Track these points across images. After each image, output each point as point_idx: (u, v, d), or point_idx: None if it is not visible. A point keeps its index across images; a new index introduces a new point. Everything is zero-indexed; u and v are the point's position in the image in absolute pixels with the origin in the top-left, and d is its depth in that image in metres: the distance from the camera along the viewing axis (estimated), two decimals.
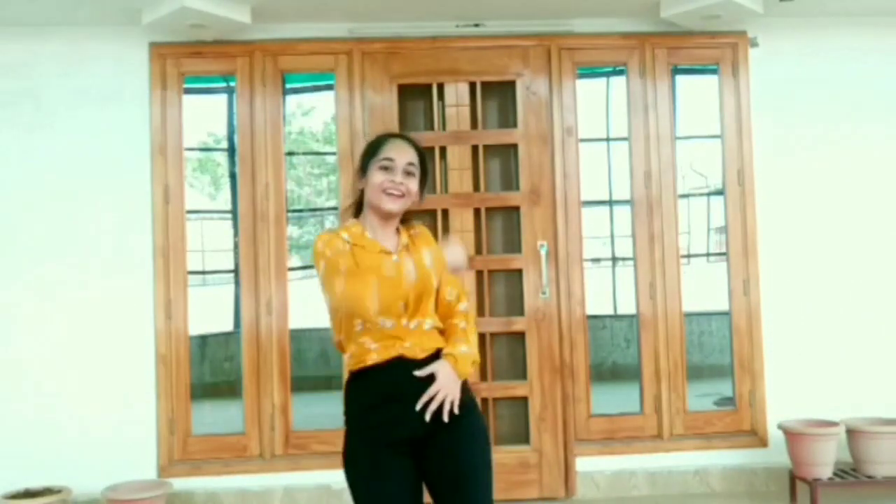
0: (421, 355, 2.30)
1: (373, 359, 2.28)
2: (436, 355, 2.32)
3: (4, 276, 4.29)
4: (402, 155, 2.37)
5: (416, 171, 2.39)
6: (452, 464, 2.29)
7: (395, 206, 2.34)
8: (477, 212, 4.50)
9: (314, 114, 4.73)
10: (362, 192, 2.41)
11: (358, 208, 2.45)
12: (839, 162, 4.58)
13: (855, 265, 4.56)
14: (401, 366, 2.28)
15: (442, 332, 2.39)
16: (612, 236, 4.70)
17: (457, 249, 2.46)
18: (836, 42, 4.60)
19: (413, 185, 2.37)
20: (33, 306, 4.31)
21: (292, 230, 4.55)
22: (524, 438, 4.45)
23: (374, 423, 2.30)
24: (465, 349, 2.34)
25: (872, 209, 4.59)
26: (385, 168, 2.34)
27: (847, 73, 4.60)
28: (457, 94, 4.51)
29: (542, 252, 4.44)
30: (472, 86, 4.51)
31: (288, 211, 4.45)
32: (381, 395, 2.29)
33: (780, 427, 4.25)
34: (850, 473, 4.18)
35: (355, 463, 2.31)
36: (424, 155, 2.45)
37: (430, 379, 2.27)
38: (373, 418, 2.30)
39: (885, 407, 4.38)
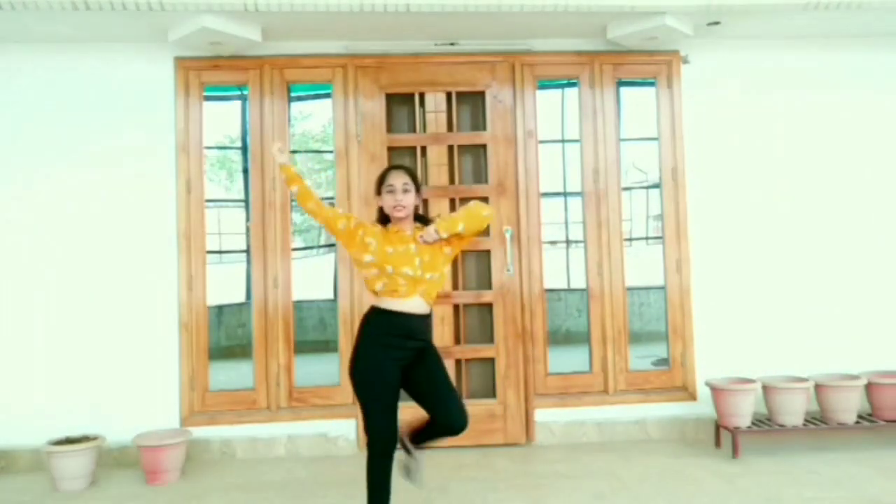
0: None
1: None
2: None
3: (50, 255, 4.34)
4: (398, 179, 3.01)
5: (411, 186, 3.02)
6: (434, 372, 3.06)
7: (400, 214, 3.00)
8: (452, 202, 4.55)
9: (314, 118, 4.71)
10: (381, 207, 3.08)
11: (382, 216, 3.07)
12: (757, 161, 4.66)
13: (770, 248, 4.65)
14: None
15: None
16: (566, 222, 4.67)
17: (429, 230, 2.99)
18: (756, 60, 4.67)
19: (410, 197, 3.01)
20: (74, 281, 4.35)
21: (295, 216, 4.56)
22: (491, 393, 4.51)
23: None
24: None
25: (783, 201, 4.67)
26: (389, 192, 3.00)
27: (763, 86, 4.67)
28: (435, 102, 4.56)
29: (507, 236, 4.51)
30: (449, 95, 4.57)
31: (291, 200, 4.45)
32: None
33: (707, 384, 4.36)
34: (766, 423, 4.28)
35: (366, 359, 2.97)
36: (414, 173, 3.10)
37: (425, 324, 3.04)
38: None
39: (795, 366, 4.48)
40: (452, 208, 4.56)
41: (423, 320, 3.02)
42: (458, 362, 4.53)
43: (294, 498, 3.72)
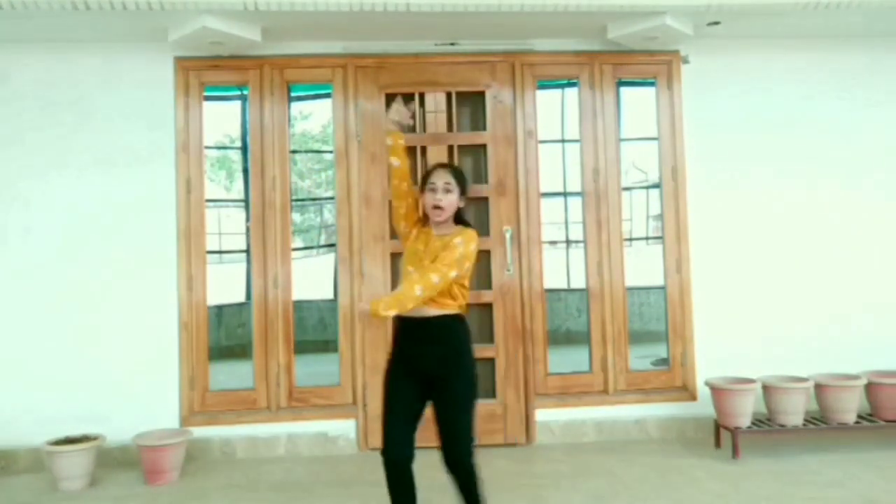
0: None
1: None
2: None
3: (50, 254, 4.33)
4: (440, 178, 2.86)
5: (454, 186, 2.86)
6: (440, 395, 2.80)
7: (439, 218, 2.84)
8: None
9: (314, 118, 4.70)
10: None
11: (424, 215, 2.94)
12: (757, 161, 4.66)
13: (770, 248, 4.64)
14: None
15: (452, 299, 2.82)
16: (566, 222, 4.67)
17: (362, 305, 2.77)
18: (756, 60, 4.66)
19: (452, 197, 2.85)
20: (75, 281, 4.33)
21: (295, 216, 4.57)
22: (492, 393, 4.49)
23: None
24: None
25: (783, 201, 4.67)
26: (431, 190, 2.85)
27: (763, 86, 4.67)
28: (435, 102, 4.55)
29: (507, 236, 4.50)
30: (449, 95, 4.55)
31: (292, 200, 4.48)
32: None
33: (706, 384, 4.34)
34: (766, 423, 4.26)
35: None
36: (460, 172, 2.94)
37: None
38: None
39: (795, 366, 4.46)
40: None
41: (434, 323, 2.78)
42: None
43: (294, 498, 3.72)
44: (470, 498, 2.83)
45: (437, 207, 2.83)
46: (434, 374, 2.78)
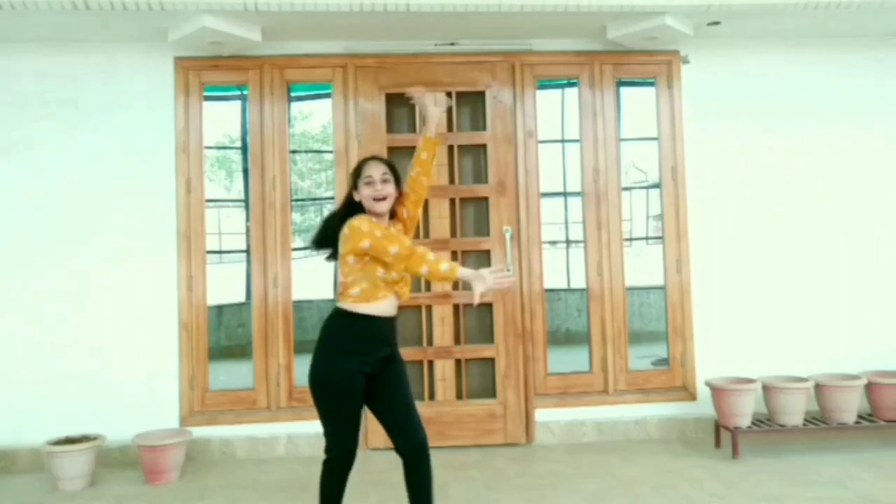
0: None
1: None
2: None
3: (49, 254, 4.32)
4: (376, 170, 2.80)
5: (390, 177, 2.81)
6: (397, 384, 2.83)
7: (382, 208, 2.78)
8: (452, 201, 4.55)
9: (314, 118, 4.70)
10: (358, 201, 2.82)
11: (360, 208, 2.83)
12: (757, 161, 4.65)
13: (770, 248, 4.64)
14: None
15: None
16: (566, 222, 4.67)
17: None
18: (755, 60, 4.66)
19: (390, 187, 2.80)
20: (75, 281, 4.33)
21: (295, 216, 4.57)
22: (491, 393, 4.50)
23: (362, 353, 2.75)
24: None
25: (783, 201, 4.66)
26: (368, 183, 2.78)
27: (764, 85, 4.67)
28: (435, 102, 4.60)
29: (507, 236, 4.50)
30: (449, 95, 4.37)
31: (292, 200, 4.48)
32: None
33: (707, 384, 4.34)
34: (766, 423, 4.26)
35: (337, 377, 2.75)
36: (392, 164, 2.88)
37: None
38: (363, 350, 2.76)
39: (795, 366, 4.46)
40: (452, 208, 4.58)
41: (394, 323, 2.86)
42: (458, 362, 4.52)
43: (294, 498, 3.72)
44: (428, 487, 2.80)
45: (379, 199, 2.77)
46: (382, 368, 2.80)
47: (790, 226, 4.68)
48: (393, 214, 2.89)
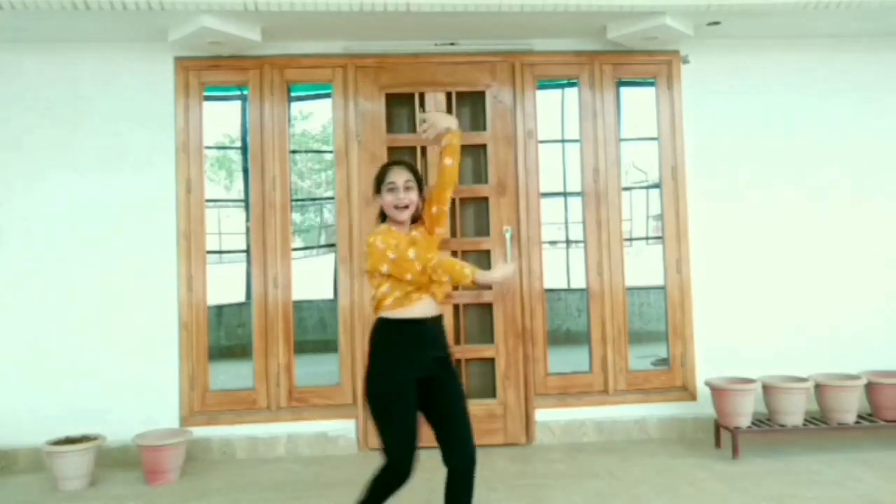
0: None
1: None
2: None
3: (50, 254, 4.33)
4: (400, 177, 2.74)
5: (414, 184, 2.76)
6: (453, 396, 2.77)
7: (404, 216, 2.75)
8: (452, 201, 4.30)
9: (314, 118, 4.71)
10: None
11: (382, 216, 2.82)
12: (757, 161, 4.66)
13: (770, 248, 4.64)
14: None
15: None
16: (566, 222, 4.68)
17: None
18: (755, 60, 4.66)
19: (413, 195, 2.75)
20: (75, 281, 4.33)
21: (295, 216, 4.58)
22: (492, 393, 4.50)
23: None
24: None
25: (783, 201, 4.66)
26: (391, 190, 2.73)
27: (763, 86, 4.67)
28: (435, 102, 4.54)
29: (507, 235, 4.50)
30: (449, 95, 4.54)
31: (292, 200, 4.49)
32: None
33: (707, 384, 4.35)
34: (765, 423, 4.26)
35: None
36: (416, 170, 2.83)
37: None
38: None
39: (795, 366, 4.46)
40: (452, 208, 4.51)
41: (440, 320, 2.80)
42: (458, 362, 4.42)
43: (294, 498, 3.72)
44: (468, 501, 2.74)
45: (401, 207, 2.72)
46: (434, 373, 2.74)
47: (790, 225, 4.69)
48: (416, 218, 2.85)
